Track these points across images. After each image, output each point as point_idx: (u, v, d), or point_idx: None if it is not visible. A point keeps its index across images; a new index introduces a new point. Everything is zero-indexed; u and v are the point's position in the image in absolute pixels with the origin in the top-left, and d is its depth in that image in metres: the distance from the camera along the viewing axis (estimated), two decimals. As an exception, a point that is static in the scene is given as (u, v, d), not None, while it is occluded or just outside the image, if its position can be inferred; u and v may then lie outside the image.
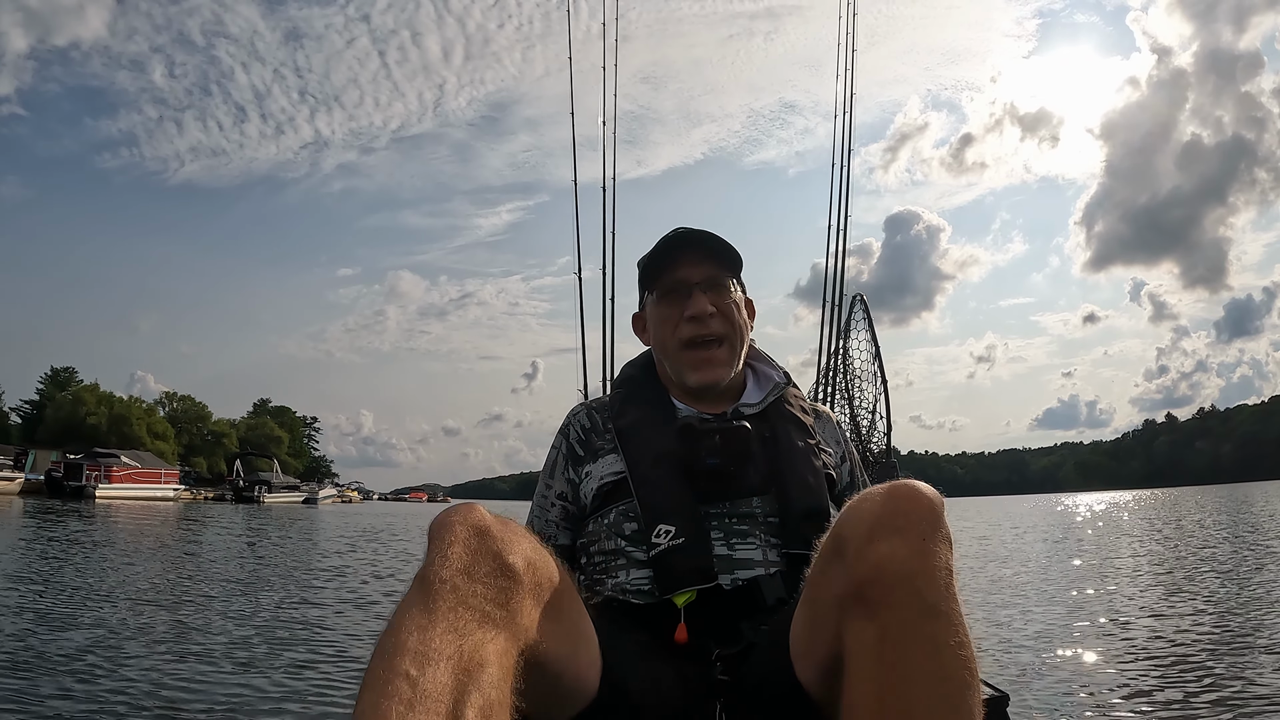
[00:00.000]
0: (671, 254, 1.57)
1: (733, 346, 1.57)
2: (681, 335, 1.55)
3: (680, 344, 1.55)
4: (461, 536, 0.96)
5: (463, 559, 0.94)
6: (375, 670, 0.84)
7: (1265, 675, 4.35)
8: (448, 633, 0.87)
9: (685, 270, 1.56)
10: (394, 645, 0.85)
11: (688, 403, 1.59)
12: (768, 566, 1.39)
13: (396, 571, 10.60)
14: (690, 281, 1.55)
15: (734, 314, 1.57)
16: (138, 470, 43.74)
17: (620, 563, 1.45)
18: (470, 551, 0.95)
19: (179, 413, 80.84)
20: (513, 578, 0.96)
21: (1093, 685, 4.38)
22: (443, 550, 0.94)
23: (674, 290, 1.56)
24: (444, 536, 0.97)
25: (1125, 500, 58.97)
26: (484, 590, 0.93)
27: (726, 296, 1.56)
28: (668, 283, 1.57)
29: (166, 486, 45.33)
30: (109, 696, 3.95)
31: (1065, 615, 6.80)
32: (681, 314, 1.55)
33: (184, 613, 6.68)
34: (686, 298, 1.55)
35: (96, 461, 40.63)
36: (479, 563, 0.95)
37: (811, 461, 1.52)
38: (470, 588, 0.92)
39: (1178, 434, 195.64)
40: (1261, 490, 59.02)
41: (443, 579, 0.91)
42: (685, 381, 1.56)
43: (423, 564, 0.95)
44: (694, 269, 1.56)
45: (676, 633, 1.34)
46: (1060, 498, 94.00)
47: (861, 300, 3.38)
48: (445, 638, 0.86)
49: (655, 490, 1.45)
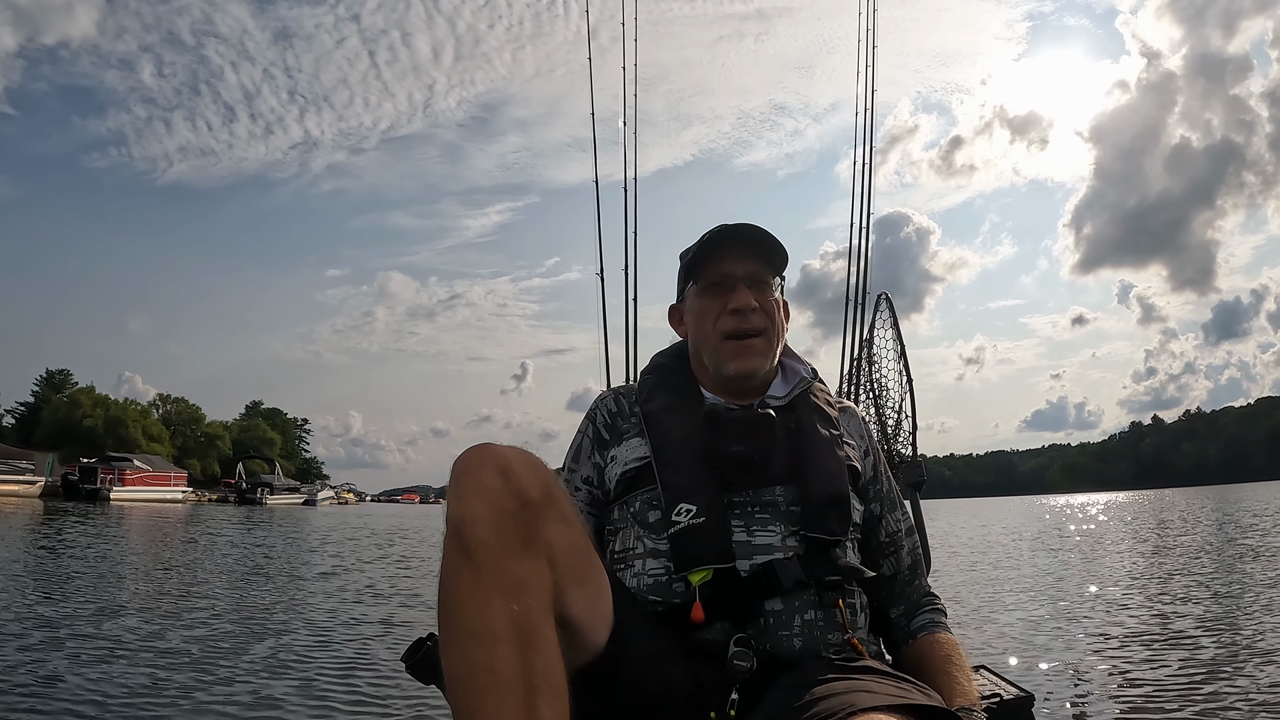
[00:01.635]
0: (718, 247, 1.58)
1: (770, 341, 1.58)
2: (723, 327, 1.56)
3: (721, 335, 1.56)
4: (486, 478, 1.01)
5: (492, 506, 0.99)
6: (456, 656, 0.95)
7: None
8: (500, 598, 0.96)
9: (730, 264, 1.57)
10: (460, 626, 0.96)
11: (716, 393, 1.60)
12: (786, 551, 1.40)
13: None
14: (735, 275, 1.56)
15: (774, 311, 1.58)
16: (149, 473, 44.71)
17: (638, 551, 1.46)
18: (497, 493, 1.00)
19: (173, 415, 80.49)
20: (535, 510, 1.02)
21: (1115, 685, 4.47)
22: (471, 495, 1.00)
23: (718, 283, 1.57)
24: (468, 480, 1.02)
25: (1117, 501, 59.08)
26: (515, 533, 0.99)
27: (768, 293, 1.58)
28: (712, 275, 1.58)
29: (175, 489, 46.27)
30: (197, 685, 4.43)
31: (1084, 617, 6.91)
32: (724, 306, 1.56)
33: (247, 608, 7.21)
34: (730, 291, 1.56)
35: (110, 465, 41.76)
36: (506, 504, 1.00)
37: (834, 452, 1.53)
38: (503, 538, 0.98)
39: (1164, 436, 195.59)
40: (1250, 491, 59.27)
41: (478, 539, 0.98)
42: (724, 371, 1.57)
43: (451, 510, 1.01)
44: (739, 264, 1.57)
45: (693, 611, 1.34)
46: (1050, 499, 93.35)
47: (887, 299, 3.33)
48: (498, 605, 0.95)
49: (679, 473, 1.46)
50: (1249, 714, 3.77)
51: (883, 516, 1.62)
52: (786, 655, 1.33)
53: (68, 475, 41.08)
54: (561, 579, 1.03)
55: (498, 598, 0.95)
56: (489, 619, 0.94)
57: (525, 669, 0.92)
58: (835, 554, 1.43)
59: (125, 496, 40.33)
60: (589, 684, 1.13)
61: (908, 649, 1.55)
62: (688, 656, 1.31)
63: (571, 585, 1.06)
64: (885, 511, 1.62)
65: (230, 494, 54.01)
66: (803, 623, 1.36)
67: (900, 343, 3.24)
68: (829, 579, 1.39)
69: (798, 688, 1.20)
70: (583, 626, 1.10)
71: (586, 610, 1.11)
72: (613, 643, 1.17)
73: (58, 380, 73.48)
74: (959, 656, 1.47)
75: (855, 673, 1.25)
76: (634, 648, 1.22)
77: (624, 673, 1.19)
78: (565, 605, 1.04)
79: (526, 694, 0.91)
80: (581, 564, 1.10)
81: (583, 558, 1.10)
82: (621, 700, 1.20)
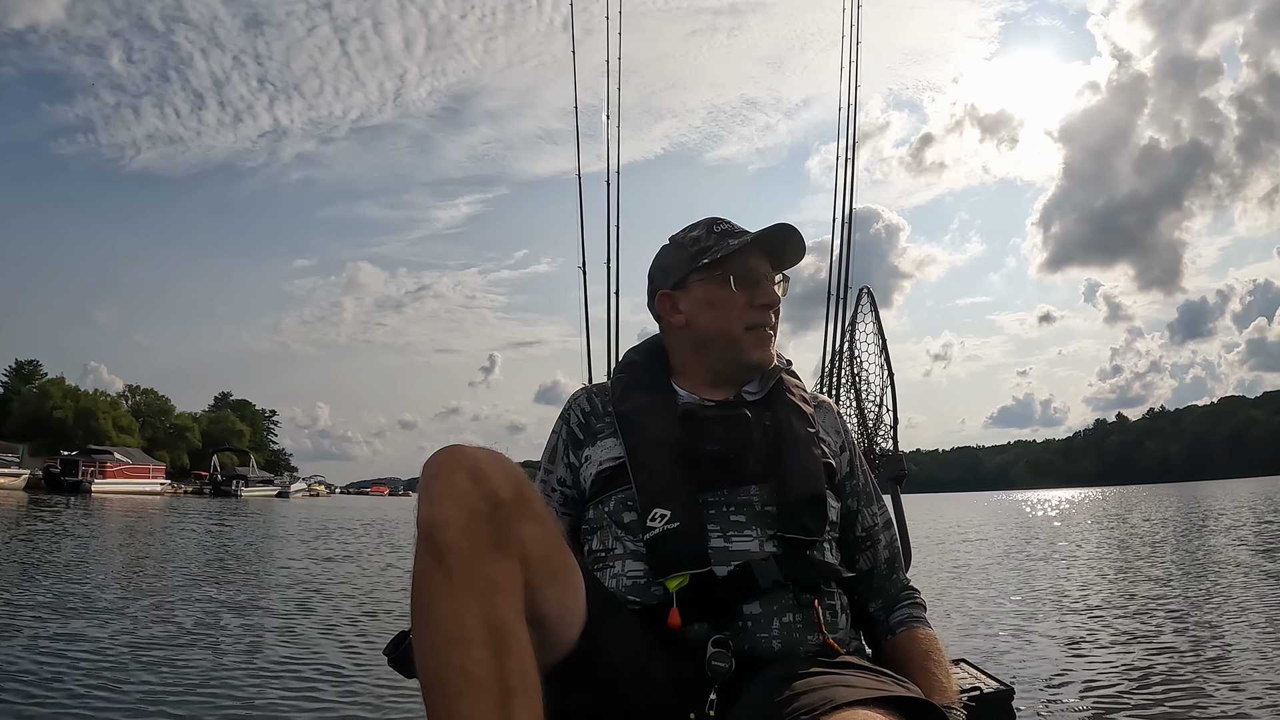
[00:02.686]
0: (771, 244, 1.58)
1: (775, 336, 1.61)
2: (747, 319, 1.55)
3: (744, 326, 1.55)
4: (457, 481, 1.00)
5: (463, 509, 0.98)
6: (430, 661, 0.95)
7: (1251, 663, 4.73)
8: (472, 601, 0.95)
9: (756, 259, 1.57)
10: (434, 631, 0.95)
11: (691, 389, 1.58)
12: (763, 553, 1.39)
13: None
14: (762, 271, 1.57)
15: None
16: (129, 466, 45.85)
17: (617, 552, 1.44)
18: (467, 495, 0.99)
19: (142, 406, 79.99)
20: (507, 511, 1.01)
21: (1092, 677, 4.54)
22: (442, 498, 0.99)
23: (747, 276, 1.56)
24: (438, 484, 1.01)
25: (1081, 498, 60.03)
26: (487, 534, 0.98)
27: (783, 291, 1.61)
28: (741, 267, 1.56)
29: (154, 481, 47.41)
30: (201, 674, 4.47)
31: (1060, 611, 7.02)
32: (749, 300, 1.55)
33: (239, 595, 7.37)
34: (756, 285, 1.55)
35: (91, 458, 42.89)
36: (477, 506, 0.99)
37: (810, 450, 1.51)
38: (475, 540, 0.98)
39: (1128, 433, 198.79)
40: (1211, 489, 60.46)
41: (449, 543, 0.97)
42: (745, 360, 1.56)
43: (422, 514, 1.00)
44: (765, 260, 1.58)
45: (669, 617, 1.33)
46: (1016, 495, 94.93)
47: (868, 293, 3.30)
48: (471, 608, 0.95)
49: (653, 475, 1.44)
50: (1219, 701, 3.89)
51: (859, 511, 1.60)
52: (765, 656, 1.33)
53: (50, 468, 41.83)
54: (534, 578, 1.03)
55: (470, 601, 0.95)
56: (462, 622, 0.94)
57: (499, 671, 0.93)
58: (812, 554, 1.43)
59: (106, 489, 40.85)
60: (566, 681, 1.14)
61: (887, 644, 1.54)
62: (666, 654, 1.30)
63: (544, 583, 1.06)
64: (862, 506, 1.61)
65: (205, 486, 54.24)
66: (781, 625, 1.35)
67: (882, 337, 3.23)
68: (806, 580, 1.39)
69: (778, 683, 1.21)
70: (555, 624, 1.11)
71: (559, 608, 1.11)
72: (587, 639, 1.17)
73: (27, 371, 72.76)
74: (938, 651, 1.48)
75: (835, 668, 1.26)
76: (613, 645, 1.22)
77: (603, 669, 1.20)
78: (538, 603, 1.04)
79: (501, 696, 0.92)
80: (554, 562, 1.09)
81: (555, 556, 1.10)
82: (600, 697, 1.20)
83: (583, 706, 1.18)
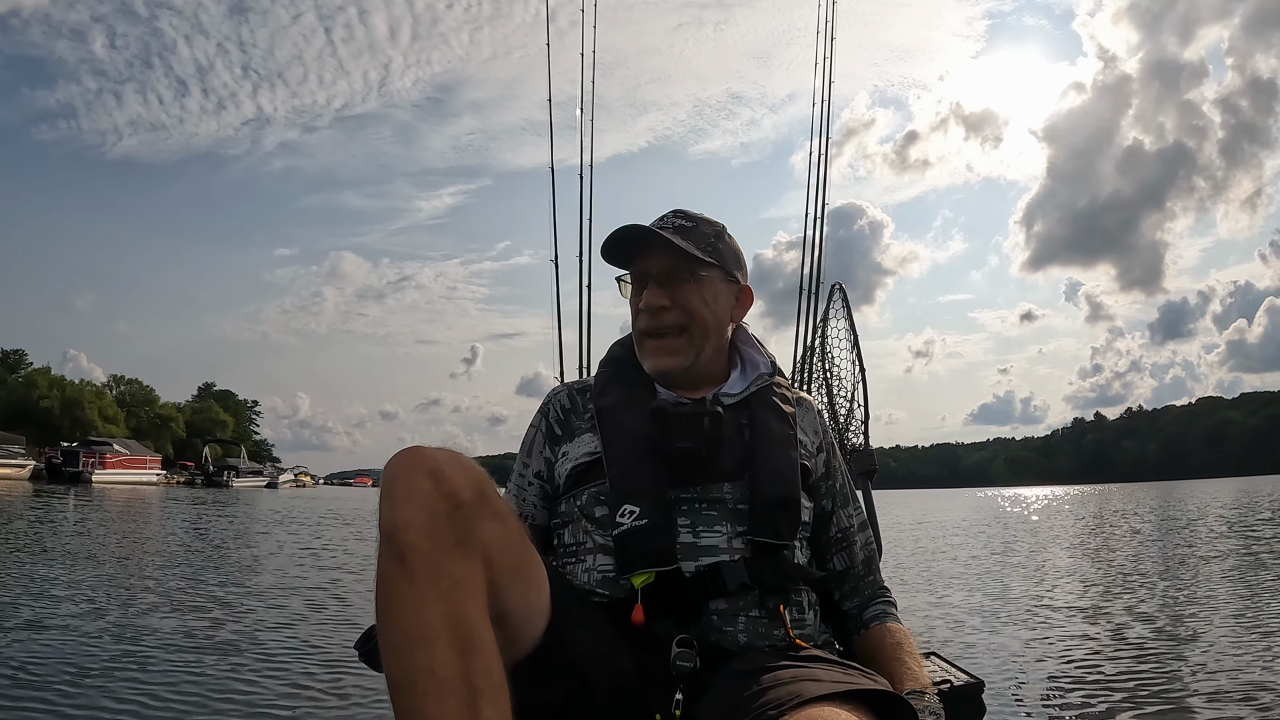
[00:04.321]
0: (626, 245, 1.54)
1: (692, 337, 1.52)
2: (639, 325, 1.54)
3: (640, 332, 1.55)
4: (417, 482, 1.00)
5: (424, 510, 0.99)
6: (396, 663, 0.95)
7: (1216, 658, 4.76)
8: (435, 601, 0.96)
9: (647, 260, 1.53)
10: (399, 632, 0.96)
11: (668, 387, 1.56)
12: (732, 554, 1.38)
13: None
14: (649, 273, 1.52)
15: (696, 305, 1.52)
16: (127, 457, 47.40)
17: (588, 546, 1.44)
18: (428, 497, 1.00)
19: (127, 396, 79.58)
20: (468, 510, 1.01)
21: (1062, 670, 4.59)
22: (403, 500, 1.00)
23: (638, 280, 1.55)
24: (399, 485, 1.01)
25: (1058, 495, 60.48)
26: (449, 534, 0.99)
27: (687, 288, 1.51)
28: (633, 271, 1.56)
29: (151, 472, 48.95)
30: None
31: (1032, 605, 7.06)
32: (639, 304, 1.53)
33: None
34: (644, 288, 1.53)
35: (91, 449, 44.79)
36: (438, 506, 0.99)
37: (786, 450, 1.50)
38: (436, 540, 0.98)
39: (1106, 432, 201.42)
40: (1186, 488, 60.94)
41: (411, 544, 0.97)
42: (646, 367, 1.55)
43: (384, 516, 1.01)
44: (654, 259, 1.52)
45: (634, 613, 1.33)
46: (994, 492, 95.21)
47: (840, 289, 3.29)
48: (435, 608, 0.95)
49: (626, 471, 1.44)
50: (1186, 695, 3.96)
51: (834, 512, 1.60)
52: (731, 649, 1.33)
53: (51, 458, 43.21)
54: (497, 576, 1.03)
55: (434, 601, 0.96)
56: (426, 623, 0.95)
57: (465, 670, 0.93)
58: (782, 557, 1.43)
59: (106, 479, 41.85)
60: (532, 676, 1.14)
61: (859, 639, 1.55)
62: (632, 649, 1.31)
63: (507, 581, 1.06)
64: (838, 507, 1.61)
65: (198, 476, 55.73)
66: (747, 619, 1.36)
67: (853, 333, 3.21)
68: (774, 583, 1.39)
69: (745, 676, 1.21)
70: (519, 621, 1.11)
71: (523, 604, 1.11)
72: (552, 634, 1.17)
73: (13, 360, 72.22)
74: (910, 644, 1.48)
75: (802, 661, 1.26)
76: (578, 639, 1.22)
77: (568, 663, 1.20)
78: (501, 601, 1.04)
79: (468, 696, 0.93)
80: (516, 559, 1.09)
81: (518, 553, 1.10)
82: (567, 691, 1.20)
83: (548, 700, 1.19)
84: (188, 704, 3.72)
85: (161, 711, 3.61)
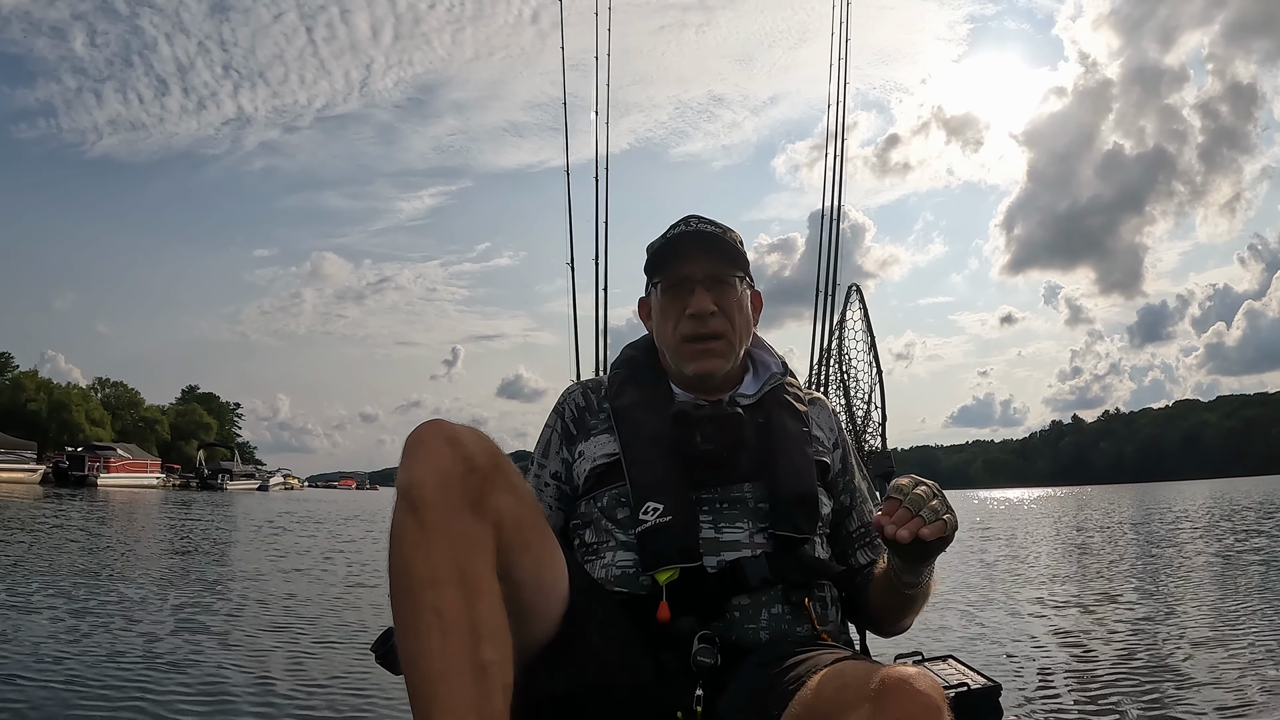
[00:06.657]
0: (677, 248, 1.56)
1: (731, 342, 1.54)
2: (682, 330, 1.53)
3: (680, 338, 1.54)
4: (435, 447, 1.05)
5: (438, 471, 1.03)
6: (403, 605, 0.99)
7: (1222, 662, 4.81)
8: (445, 549, 1.00)
9: (690, 266, 1.54)
10: (408, 575, 1.00)
11: (686, 389, 1.58)
12: (753, 549, 1.40)
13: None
14: (694, 279, 1.53)
15: (735, 311, 1.55)
16: (130, 461, 49.66)
17: (609, 544, 1.45)
18: (444, 459, 1.04)
19: (112, 399, 78.86)
20: (481, 476, 1.05)
21: (1077, 673, 4.57)
22: (420, 462, 1.04)
23: (677, 285, 1.54)
24: (419, 450, 1.05)
25: (1037, 497, 60.90)
26: (461, 494, 1.03)
27: (730, 294, 1.54)
28: (672, 277, 1.55)
29: (151, 475, 51.24)
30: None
31: (1049, 607, 7.08)
32: (683, 310, 1.53)
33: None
34: (689, 294, 1.52)
35: (96, 454, 46.27)
36: (453, 467, 1.04)
37: (803, 449, 1.52)
38: (449, 497, 1.02)
39: (1083, 435, 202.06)
40: (1162, 490, 61.47)
41: (425, 498, 1.01)
42: (683, 371, 1.56)
43: (401, 478, 1.05)
44: (699, 265, 1.54)
45: (659, 610, 1.34)
46: (974, 494, 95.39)
47: (858, 290, 3.29)
48: (444, 555, 0.99)
49: (647, 470, 1.45)
50: (1200, 697, 3.95)
51: (854, 508, 1.62)
52: (752, 646, 1.34)
53: (58, 463, 44.40)
54: (508, 544, 1.06)
55: (444, 549, 0.99)
56: (434, 566, 0.98)
57: (470, 614, 0.97)
58: (803, 551, 1.45)
59: (110, 483, 43.45)
60: (551, 668, 1.16)
61: (868, 585, 1.53)
62: (652, 645, 1.32)
63: (518, 551, 1.08)
64: (858, 503, 1.62)
65: (193, 479, 56.98)
66: (770, 616, 1.37)
67: (871, 334, 3.18)
68: (796, 578, 1.41)
69: (765, 668, 1.23)
70: (531, 591, 1.12)
71: (535, 576, 1.13)
72: (570, 623, 1.19)
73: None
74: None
75: (824, 649, 1.28)
76: (599, 634, 1.23)
77: (587, 656, 1.21)
78: (512, 569, 1.07)
79: (471, 638, 0.96)
80: (529, 533, 1.12)
81: (530, 528, 1.12)
82: (586, 685, 1.21)
83: (567, 693, 1.20)
84: (209, 704, 3.80)
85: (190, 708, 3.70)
